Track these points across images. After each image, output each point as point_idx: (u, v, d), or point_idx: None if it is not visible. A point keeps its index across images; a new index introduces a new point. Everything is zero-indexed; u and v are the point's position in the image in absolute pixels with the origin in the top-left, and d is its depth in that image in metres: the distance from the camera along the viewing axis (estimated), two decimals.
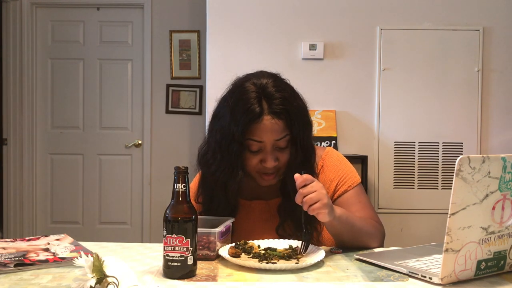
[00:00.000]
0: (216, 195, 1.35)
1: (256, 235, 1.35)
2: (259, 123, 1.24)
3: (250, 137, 1.25)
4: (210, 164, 1.33)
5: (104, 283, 0.90)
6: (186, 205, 1.04)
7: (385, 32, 3.17)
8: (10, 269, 1.08)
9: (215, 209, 1.36)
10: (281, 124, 1.26)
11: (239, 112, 1.25)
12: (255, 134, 1.25)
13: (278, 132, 1.26)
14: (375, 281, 1.01)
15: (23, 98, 4.12)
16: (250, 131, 1.25)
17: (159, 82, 4.14)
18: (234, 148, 1.26)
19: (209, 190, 1.37)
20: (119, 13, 4.18)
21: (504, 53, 3.19)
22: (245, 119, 1.24)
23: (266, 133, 1.25)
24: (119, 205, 4.20)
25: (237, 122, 1.25)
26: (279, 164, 1.30)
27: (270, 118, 1.25)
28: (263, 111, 1.24)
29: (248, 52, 3.17)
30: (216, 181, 1.32)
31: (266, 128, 1.25)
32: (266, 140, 1.26)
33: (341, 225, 1.22)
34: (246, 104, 1.25)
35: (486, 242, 0.98)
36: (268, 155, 1.28)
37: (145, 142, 4.17)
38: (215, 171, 1.31)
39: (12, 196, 4.12)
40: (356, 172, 1.43)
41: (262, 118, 1.24)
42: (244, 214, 1.40)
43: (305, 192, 1.12)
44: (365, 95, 3.19)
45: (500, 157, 0.96)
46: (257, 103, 1.24)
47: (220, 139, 1.29)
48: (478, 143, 3.18)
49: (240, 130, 1.24)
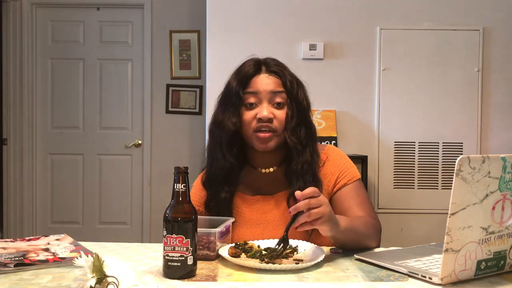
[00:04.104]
0: (216, 155, 1.38)
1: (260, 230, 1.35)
2: (256, 77, 1.36)
3: (247, 90, 1.35)
4: (212, 128, 1.40)
5: (104, 283, 0.90)
6: (186, 205, 1.04)
7: (385, 32, 3.18)
8: (10, 269, 1.08)
9: (218, 171, 1.37)
10: (278, 80, 1.36)
11: (239, 73, 1.38)
12: (251, 87, 1.36)
13: (273, 85, 1.35)
14: (375, 281, 1.01)
15: (23, 98, 4.12)
16: (247, 85, 1.36)
17: (159, 82, 4.14)
18: (233, 101, 1.36)
19: (210, 155, 1.41)
20: (119, 13, 4.18)
21: (504, 53, 3.19)
22: (243, 75, 1.36)
23: (262, 84, 1.35)
24: (119, 205, 4.20)
25: (236, 80, 1.37)
26: (275, 120, 1.33)
27: (267, 75, 1.37)
28: (260, 70, 1.38)
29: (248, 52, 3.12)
30: (216, 137, 1.38)
31: (262, 80, 1.36)
32: (262, 91, 1.34)
33: (346, 236, 1.21)
34: (245, 66, 1.39)
35: (486, 242, 0.98)
36: (263, 105, 1.34)
37: (145, 142, 4.17)
38: (218, 124, 1.37)
39: (12, 196, 4.12)
40: (356, 168, 1.44)
41: (259, 74, 1.37)
42: (247, 210, 1.41)
43: (313, 204, 1.08)
44: (365, 95, 3.19)
45: (500, 157, 0.96)
46: (256, 65, 1.38)
47: (223, 98, 1.40)
48: (478, 143, 3.18)
49: (238, 85, 1.35)
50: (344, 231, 1.17)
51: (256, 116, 1.32)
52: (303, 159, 1.34)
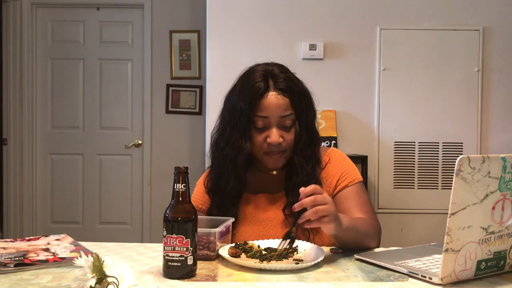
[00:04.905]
0: (224, 172, 1.38)
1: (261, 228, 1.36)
2: (265, 98, 1.31)
3: (256, 113, 1.31)
4: (219, 143, 1.38)
5: (104, 283, 0.90)
6: (186, 205, 1.04)
7: (385, 32, 3.18)
8: (10, 269, 1.08)
9: (224, 188, 1.38)
10: (286, 101, 1.32)
11: (246, 89, 1.32)
12: (261, 110, 1.31)
13: (282, 109, 1.31)
14: (375, 281, 1.01)
15: (23, 98, 4.12)
16: (256, 107, 1.31)
17: (159, 82, 4.14)
18: (242, 122, 1.32)
19: (218, 167, 1.40)
20: (119, 13, 4.18)
21: (504, 53, 3.19)
22: (251, 94, 1.31)
23: (271, 109, 1.31)
24: (119, 205, 4.20)
25: (244, 98, 1.31)
26: (284, 142, 1.33)
27: (275, 94, 1.31)
28: (268, 87, 1.31)
29: (248, 52, 3.18)
30: (225, 156, 1.35)
31: (271, 103, 1.31)
32: (271, 115, 1.31)
33: (347, 234, 1.21)
34: (252, 81, 1.32)
35: (486, 242, 0.98)
36: (273, 130, 1.32)
37: (145, 142, 4.17)
38: (224, 147, 1.36)
39: (12, 196, 4.12)
40: (358, 170, 1.45)
41: (268, 94, 1.31)
42: (249, 208, 1.41)
43: (318, 201, 1.08)
44: (365, 95, 3.20)
45: (500, 157, 0.96)
46: (263, 80, 1.32)
47: (229, 117, 1.35)
48: (478, 143, 3.18)
49: (247, 105, 1.30)
50: (346, 229, 1.17)
51: (266, 140, 1.32)
52: (305, 172, 1.36)
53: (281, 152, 1.34)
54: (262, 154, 1.35)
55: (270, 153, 1.34)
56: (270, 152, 1.34)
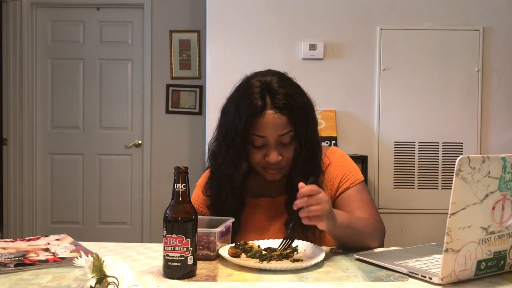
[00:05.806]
0: (222, 189, 1.37)
1: (263, 231, 1.36)
2: (262, 117, 1.26)
3: (254, 132, 1.27)
4: (217, 158, 1.36)
5: (104, 283, 0.90)
6: (186, 205, 1.04)
7: (385, 32, 3.18)
8: (10, 269, 1.08)
9: (223, 204, 1.37)
10: (284, 119, 1.27)
11: (242, 107, 1.27)
12: (258, 129, 1.27)
13: (281, 128, 1.27)
14: (375, 281, 1.01)
15: (23, 98, 4.12)
16: (253, 125, 1.27)
17: (159, 82, 4.14)
18: (238, 142, 1.28)
19: (216, 184, 1.39)
20: (119, 13, 4.18)
21: (504, 53, 3.19)
22: (248, 112, 1.26)
23: (269, 128, 1.27)
24: (119, 205, 4.20)
25: (240, 116, 1.27)
26: (283, 160, 1.31)
27: (272, 113, 1.26)
28: (266, 105, 1.27)
29: (248, 52, 3.18)
30: (222, 174, 1.34)
31: (269, 122, 1.26)
32: (269, 135, 1.28)
33: (342, 231, 1.22)
34: (249, 98, 1.27)
35: (486, 242, 0.98)
36: (272, 150, 1.29)
37: (145, 142, 4.17)
38: (221, 164, 1.34)
39: (12, 196, 4.12)
40: (359, 170, 1.44)
41: (265, 113, 1.26)
42: (251, 211, 1.41)
43: (311, 202, 1.09)
44: (365, 95, 3.20)
45: (500, 157, 0.95)
46: (260, 98, 1.27)
47: (225, 133, 1.32)
48: (478, 143, 3.18)
49: (243, 124, 1.26)
50: (340, 226, 1.18)
51: (265, 158, 1.31)
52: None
53: (279, 168, 1.33)
54: (260, 168, 1.34)
55: (268, 168, 1.33)
56: (268, 167, 1.33)
